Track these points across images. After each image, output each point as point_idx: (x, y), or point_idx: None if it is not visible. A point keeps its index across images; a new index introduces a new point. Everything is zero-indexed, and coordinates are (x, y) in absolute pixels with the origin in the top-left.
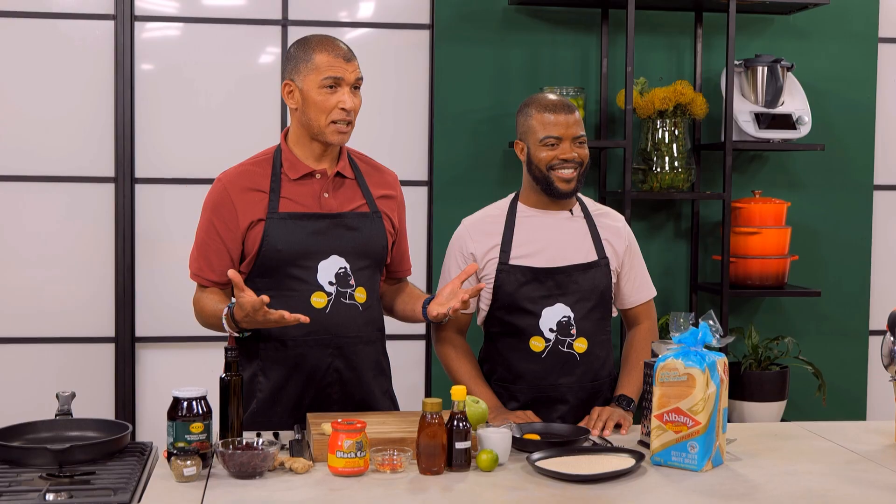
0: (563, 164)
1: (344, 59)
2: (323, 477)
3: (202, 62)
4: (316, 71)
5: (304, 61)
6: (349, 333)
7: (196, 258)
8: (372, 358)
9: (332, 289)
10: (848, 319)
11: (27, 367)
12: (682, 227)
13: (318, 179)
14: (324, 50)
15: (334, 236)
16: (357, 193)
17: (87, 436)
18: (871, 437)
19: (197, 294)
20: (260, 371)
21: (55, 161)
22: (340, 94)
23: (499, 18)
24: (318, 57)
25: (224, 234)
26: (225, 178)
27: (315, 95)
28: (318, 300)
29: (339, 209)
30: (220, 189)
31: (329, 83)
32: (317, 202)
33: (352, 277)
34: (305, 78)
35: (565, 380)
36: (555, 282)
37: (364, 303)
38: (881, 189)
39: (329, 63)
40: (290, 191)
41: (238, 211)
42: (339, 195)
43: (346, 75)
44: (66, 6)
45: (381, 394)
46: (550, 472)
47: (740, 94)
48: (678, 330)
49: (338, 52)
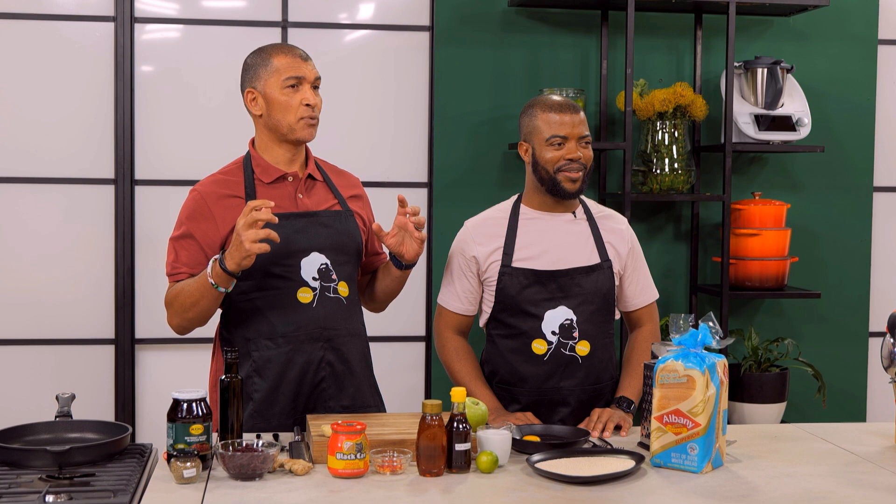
0: (569, 164)
1: (301, 59)
2: (323, 479)
3: (202, 64)
4: (277, 73)
5: (264, 66)
6: (337, 326)
7: (171, 258)
8: (360, 350)
9: (317, 284)
10: (848, 321)
11: (27, 369)
12: (682, 229)
13: (290, 182)
14: (280, 53)
15: (313, 234)
16: (329, 194)
17: (87, 437)
18: (871, 438)
19: (168, 292)
20: (254, 372)
21: (55, 163)
22: (303, 92)
23: (498, 20)
24: (277, 60)
25: (202, 241)
26: (201, 188)
27: (279, 96)
28: (305, 295)
29: (315, 208)
30: (196, 198)
31: (291, 83)
32: (293, 203)
33: (333, 272)
34: (267, 82)
35: (567, 382)
36: (557, 284)
37: (347, 296)
38: (881, 191)
39: (288, 64)
40: (265, 194)
41: (217, 219)
42: (313, 195)
43: (306, 73)
44: (66, 8)
45: (369, 386)
46: (550, 474)
47: (740, 95)
48: (678, 332)
49: (295, 53)
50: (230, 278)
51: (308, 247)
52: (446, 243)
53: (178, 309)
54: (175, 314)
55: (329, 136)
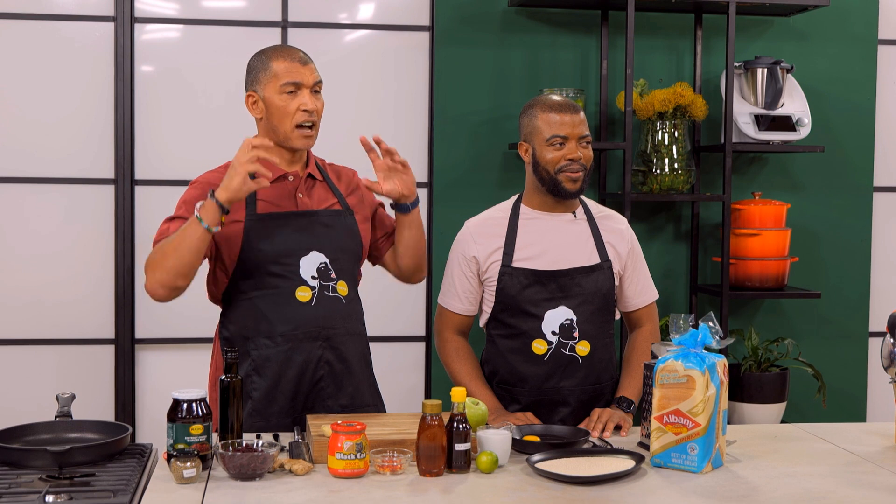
0: (570, 164)
1: (301, 63)
2: (323, 479)
3: (202, 64)
4: (275, 78)
5: (263, 70)
6: (336, 325)
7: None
8: (359, 349)
9: (315, 283)
10: (848, 321)
11: (27, 369)
12: (682, 229)
13: (291, 181)
14: (280, 57)
15: (312, 233)
16: (329, 193)
17: (87, 437)
18: (871, 438)
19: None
20: (253, 371)
21: (55, 163)
22: (301, 98)
23: (498, 20)
24: (276, 64)
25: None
26: (203, 178)
27: (277, 101)
28: (303, 294)
29: (316, 207)
30: (198, 186)
31: (289, 88)
32: (293, 202)
33: (332, 272)
34: (266, 86)
35: (567, 383)
36: (558, 284)
37: (346, 296)
38: (881, 191)
39: (286, 68)
40: (265, 193)
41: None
42: (313, 195)
43: (305, 79)
44: (66, 8)
45: (368, 386)
46: (550, 474)
47: (740, 95)
48: (678, 332)
49: (294, 57)
50: (218, 213)
51: (307, 246)
52: (446, 243)
53: (158, 258)
54: (154, 267)
55: (329, 136)
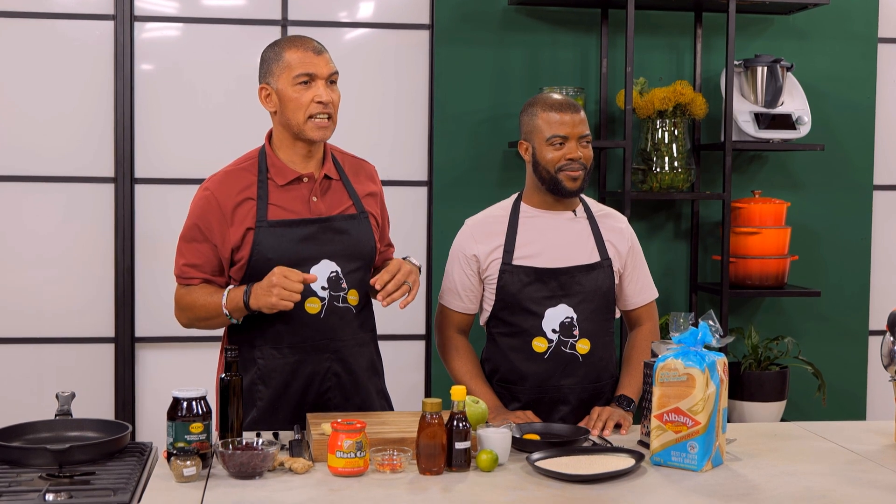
0: (570, 163)
1: (315, 53)
2: (323, 477)
3: (202, 62)
4: (288, 69)
5: (276, 62)
6: (345, 337)
7: (181, 260)
8: (367, 359)
9: (325, 293)
10: (848, 319)
11: (27, 368)
12: (682, 228)
13: (305, 184)
14: (293, 47)
15: (324, 241)
16: (344, 195)
17: (87, 436)
18: (870, 437)
19: (181, 291)
20: (259, 380)
21: (55, 161)
22: (315, 89)
23: (498, 19)
24: (289, 55)
25: (212, 239)
26: (212, 186)
27: (290, 93)
28: (313, 306)
29: (328, 213)
30: (207, 197)
31: (303, 79)
32: (306, 207)
33: (343, 280)
34: (279, 78)
35: (567, 381)
36: (558, 283)
37: (357, 305)
38: (881, 189)
39: (300, 59)
40: (277, 197)
41: (227, 220)
42: (327, 198)
43: (319, 70)
44: (65, 6)
45: (377, 393)
46: (550, 473)
47: (740, 94)
48: (678, 330)
49: (307, 47)
50: (245, 312)
51: (318, 255)
52: (446, 242)
53: (191, 316)
54: (185, 318)
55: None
